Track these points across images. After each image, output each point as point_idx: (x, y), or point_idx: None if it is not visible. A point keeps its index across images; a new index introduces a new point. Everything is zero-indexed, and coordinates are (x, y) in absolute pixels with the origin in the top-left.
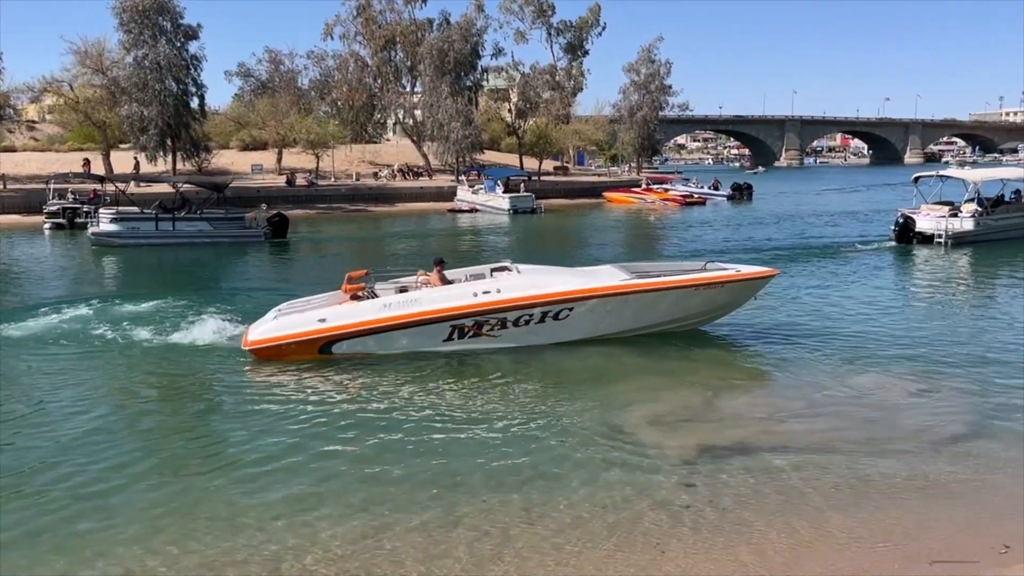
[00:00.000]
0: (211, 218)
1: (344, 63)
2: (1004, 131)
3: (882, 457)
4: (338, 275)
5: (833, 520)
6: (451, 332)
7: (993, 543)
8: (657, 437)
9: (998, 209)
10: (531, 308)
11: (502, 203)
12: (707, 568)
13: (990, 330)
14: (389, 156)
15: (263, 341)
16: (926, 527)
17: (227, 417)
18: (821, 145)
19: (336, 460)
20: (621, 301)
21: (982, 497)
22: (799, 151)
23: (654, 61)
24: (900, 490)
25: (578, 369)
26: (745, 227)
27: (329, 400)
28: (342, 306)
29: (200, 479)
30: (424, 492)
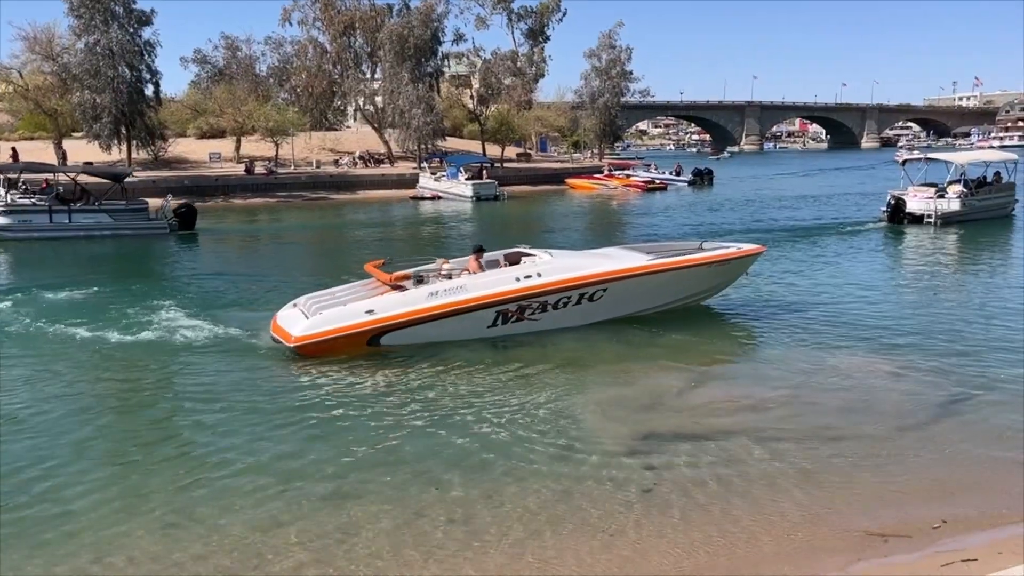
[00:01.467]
0: (111, 210)
1: (303, 49)
2: (957, 116)
3: (836, 440)
4: (269, 265)
5: (779, 501)
6: (496, 318)
7: (930, 519)
8: (617, 424)
9: (981, 190)
10: (570, 291)
11: (465, 190)
12: (657, 552)
13: (977, 309)
14: (350, 143)
15: (311, 337)
16: (867, 505)
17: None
18: (780, 130)
19: (300, 452)
20: (649, 280)
21: (926, 475)
22: (759, 136)
23: (615, 47)
24: (849, 470)
25: (553, 356)
26: (723, 211)
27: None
28: (388, 296)
29: (148, 472)
30: (382, 482)
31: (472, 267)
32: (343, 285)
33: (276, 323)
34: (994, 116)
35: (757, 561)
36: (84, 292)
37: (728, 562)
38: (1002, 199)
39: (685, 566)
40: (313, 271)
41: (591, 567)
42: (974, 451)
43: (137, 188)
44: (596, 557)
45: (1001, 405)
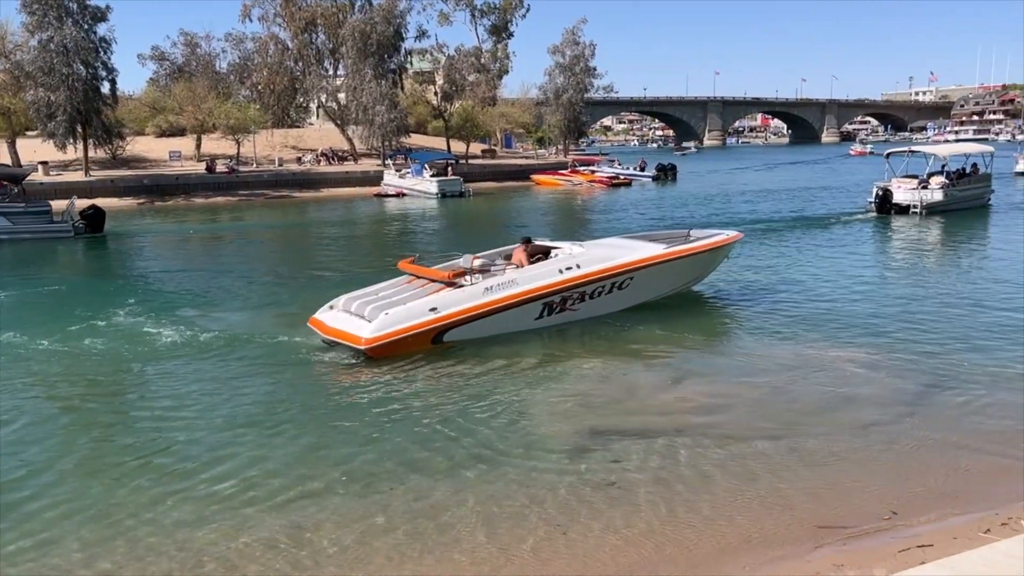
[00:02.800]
0: (9, 212)
1: (264, 46)
2: (914, 110)
3: (801, 435)
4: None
5: (732, 494)
6: (543, 310)
7: (881, 510)
8: (587, 420)
9: (961, 181)
10: (605, 280)
11: (430, 187)
12: (617, 548)
13: (961, 298)
14: (313, 141)
15: (382, 338)
16: (820, 497)
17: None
18: (742, 125)
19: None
20: (668, 267)
21: (883, 468)
22: (721, 131)
23: (578, 43)
24: (809, 465)
25: (532, 352)
26: (690, 206)
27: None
28: (448, 293)
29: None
30: (340, 480)
31: (519, 259)
32: (380, 284)
33: (328, 326)
34: (949, 111)
35: (714, 555)
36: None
37: (687, 556)
38: (980, 189)
39: (644, 560)
40: (251, 274)
41: (553, 565)
42: (936, 443)
43: (95, 188)
44: (559, 555)
45: (971, 396)
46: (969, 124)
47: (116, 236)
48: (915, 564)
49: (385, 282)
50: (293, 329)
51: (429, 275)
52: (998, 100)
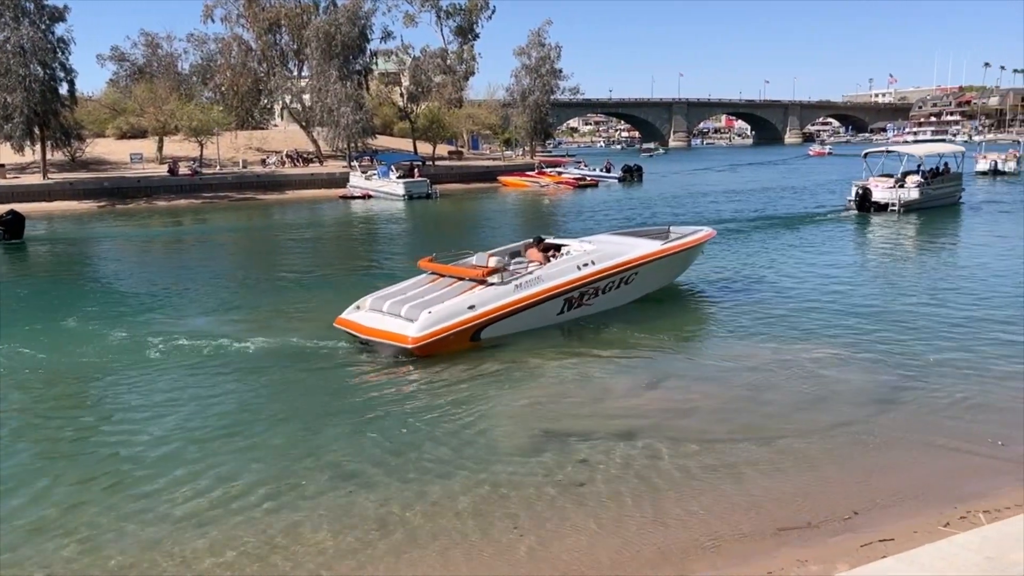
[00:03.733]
0: None
1: (227, 47)
2: (874, 112)
3: (765, 434)
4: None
5: (700, 494)
6: (564, 305)
7: (843, 509)
8: (556, 424)
9: (935, 180)
10: (615, 275)
11: (396, 188)
12: (577, 547)
13: (937, 293)
14: (277, 142)
15: (428, 336)
16: (786, 496)
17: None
18: (707, 127)
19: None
20: (665, 262)
21: (845, 466)
22: (686, 133)
23: (544, 45)
24: (767, 464)
25: (509, 355)
26: (657, 206)
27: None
28: (482, 291)
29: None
30: (312, 483)
31: (537, 257)
32: (402, 283)
33: (366, 326)
34: (908, 112)
35: (681, 553)
36: None
37: (655, 555)
38: (952, 188)
39: (612, 561)
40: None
41: (523, 566)
42: (900, 440)
43: (53, 191)
44: (526, 555)
45: (937, 393)
46: (927, 125)
47: (50, 241)
48: (877, 558)
49: (406, 281)
50: (254, 333)
51: (462, 273)
52: (955, 101)
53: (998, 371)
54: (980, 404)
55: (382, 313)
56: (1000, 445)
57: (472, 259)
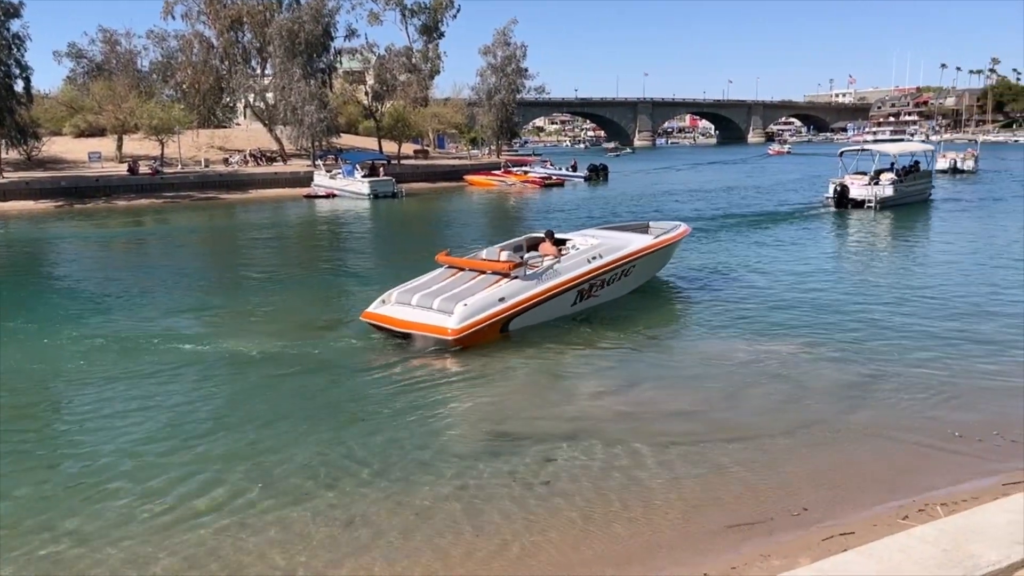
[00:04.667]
0: None
1: (188, 44)
2: (835, 111)
3: (731, 431)
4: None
5: (665, 493)
6: (577, 297)
7: (792, 507)
8: (516, 420)
9: (908, 178)
10: (618, 267)
11: (361, 187)
12: (544, 549)
13: (911, 290)
14: (240, 141)
15: (467, 328)
16: (745, 495)
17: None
18: (671, 126)
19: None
20: (657, 255)
21: (804, 465)
22: (651, 132)
23: (509, 44)
24: (733, 462)
25: (475, 357)
26: (625, 204)
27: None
28: (510, 284)
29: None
30: (269, 486)
31: (550, 251)
32: (422, 277)
33: (400, 319)
34: (868, 112)
35: (645, 551)
36: None
37: (620, 553)
38: (923, 185)
39: (577, 559)
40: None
41: (491, 566)
42: (863, 434)
43: (8, 190)
44: (488, 555)
45: (898, 387)
46: (886, 125)
47: (5, 244)
48: (838, 551)
49: (426, 275)
50: (220, 336)
51: (484, 267)
52: (912, 102)
53: (959, 367)
54: (943, 397)
55: (411, 307)
56: (957, 436)
57: (482, 253)
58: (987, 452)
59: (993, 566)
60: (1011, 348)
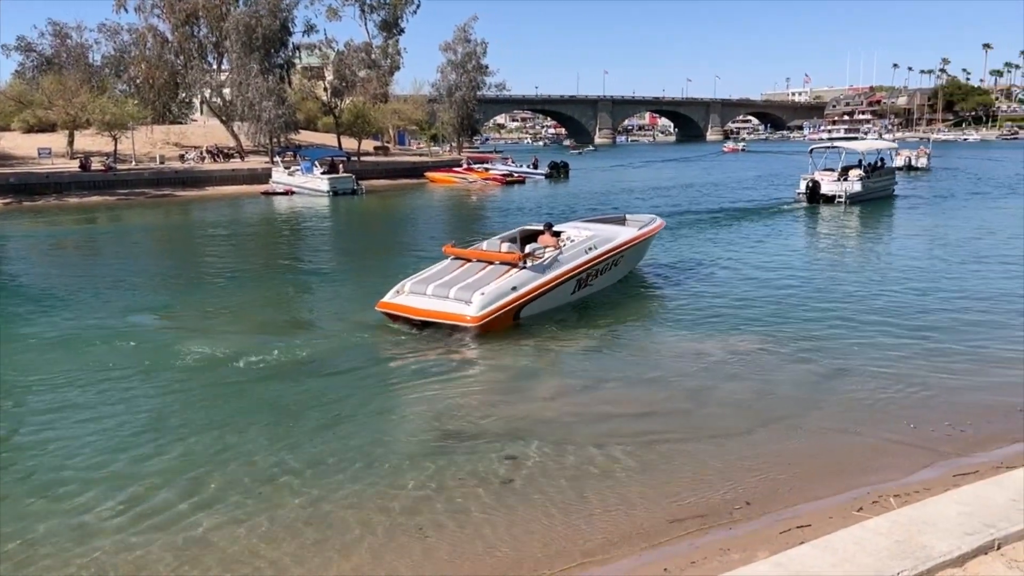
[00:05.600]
0: None
1: (141, 38)
2: (791, 110)
3: (691, 429)
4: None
5: (622, 489)
6: (576, 286)
7: (751, 501)
8: (476, 418)
9: (874, 174)
10: (609, 258)
11: (321, 184)
12: (483, 548)
13: (873, 281)
14: (197, 137)
15: (487, 315)
16: (705, 490)
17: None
18: (631, 124)
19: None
20: (640, 246)
21: (754, 461)
22: (611, 130)
23: (470, 40)
24: (694, 457)
25: (436, 353)
26: (590, 201)
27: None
28: (519, 273)
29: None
30: (224, 484)
31: (551, 242)
32: (432, 268)
33: (420, 308)
34: (823, 110)
35: (606, 546)
36: None
37: (579, 549)
38: (887, 181)
39: (530, 558)
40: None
41: (457, 565)
42: (820, 428)
43: None
44: (447, 552)
45: (855, 381)
46: (841, 123)
47: None
48: (795, 543)
49: (435, 266)
50: (179, 335)
51: (493, 257)
52: (866, 101)
53: (918, 360)
54: (899, 390)
55: (427, 296)
56: (912, 428)
57: (483, 245)
58: (939, 443)
59: (944, 556)
60: (967, 339)
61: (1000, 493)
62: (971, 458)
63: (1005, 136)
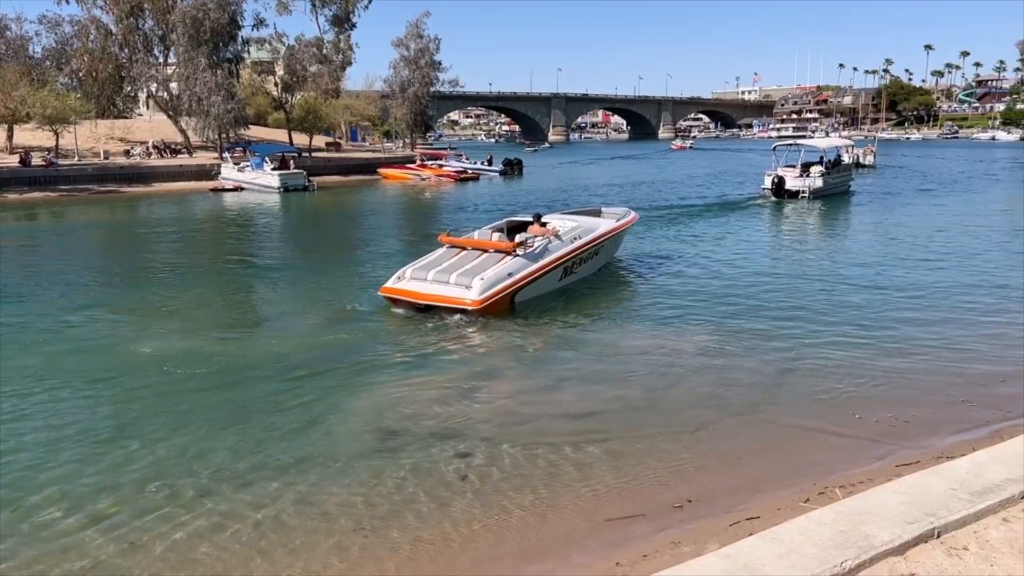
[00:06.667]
0: None
1: (84, 30)
2: (741, 108)
3: (633, 424)
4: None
5: (573, 485)
6: (563, 273)
7: (701, 495)
8: (431, 415)
9: (834, 170)
10: (592, 247)
11: (271, 181)
12: (416, 551)
13: (829, 274)
14: (143, 132)
15: (487, 299)
16: (656, 485)
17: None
18: (585, 121)
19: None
20: (617, 238)
21: (705, 455)
22: (565, 127)
23: (423, 36)
24: (645, 454)
25: (390, 351)
26: (549, 198)
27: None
28: (513, 261)
29: None
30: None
31: (540, 232)
32: (429, 256)
33: (423, 292)
34: (772, 109)
35: (563, 541)
36: None
37: (532, 546)
38: (845, 177)
39: (483, 558)
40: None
41: (380, 565)
42: (770, 423)
43: None
44: (393, 553)
45: (804, 375)
46: (789, 122)
47: None
48: (744, 536)
49: (432, 254)
50: (126, 334)
51: (488, 246)
52: (813, 100)
53: (870, 351)
54: (850, 382)
55: (427, 282)
56: (857, 418)
57: (475, 235)
58: (883, 434)
59: (885, 546)
60: (913, 333)
61: (940, 483)
62: (913, 449)
63: (946, 135)
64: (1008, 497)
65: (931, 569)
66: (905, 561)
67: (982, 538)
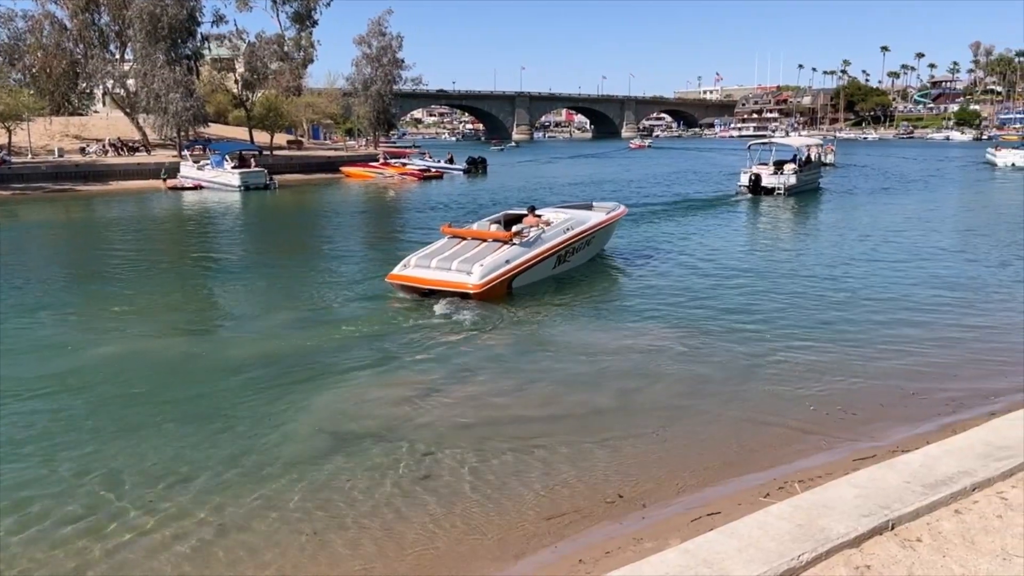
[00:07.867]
0: None
1: (37, 25)
2: (703, 108)
3: (600, 424)
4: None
5: (538, 480)
6: (557, 261)
7: (664, 492)
8: (399, 413)
9: (805, 168)
10: (584, 237)
11: (232, 179)
12: (375, 551)
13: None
14: (99, 130)
15: (486, 284)
16: (608, 483)
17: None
18: (548, 120)
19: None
20: (608, 229)
21: (668, 452)
22: (529, 126)
23: (385, 34)
24: (610, 450)
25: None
26: (516, 196)
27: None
28: (510, 249)
29: None
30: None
31: (535, 222)
32: (432, 245)
33: (428, 278)
34: (733, 108)
35: (525, 539)
36: None
37: (497, 546)
38: (815, 175)
39: (458, 554)
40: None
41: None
42: (729, 418)
43: None
44: (347, 551)
45: (770, 370)
46: (750, 121)
47: None
48: (705, 531)
49: (434, 244)
50: (84, 336)
51: (487, 235)
52: (774, 100)
53: (839, 348)
54: (811, 378)
55: (431, 269)
56: (816, 414)
57: (474, 226)
58: (841, 429)
59: (841, 538)
60: (874, 328)
61: (894, 476)
62: (869, 442)
63: (902, 135)
64: (960, 489)
65: (885, 560)
66: (860, 553)
67: (935, 530)
